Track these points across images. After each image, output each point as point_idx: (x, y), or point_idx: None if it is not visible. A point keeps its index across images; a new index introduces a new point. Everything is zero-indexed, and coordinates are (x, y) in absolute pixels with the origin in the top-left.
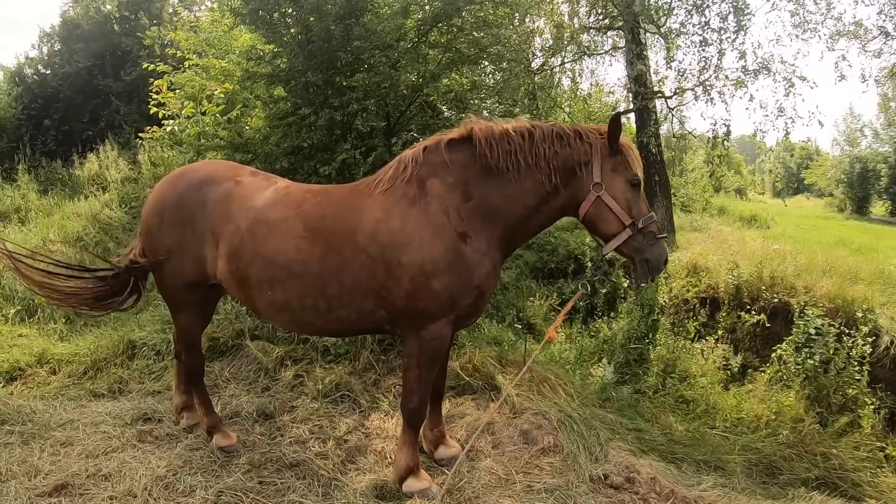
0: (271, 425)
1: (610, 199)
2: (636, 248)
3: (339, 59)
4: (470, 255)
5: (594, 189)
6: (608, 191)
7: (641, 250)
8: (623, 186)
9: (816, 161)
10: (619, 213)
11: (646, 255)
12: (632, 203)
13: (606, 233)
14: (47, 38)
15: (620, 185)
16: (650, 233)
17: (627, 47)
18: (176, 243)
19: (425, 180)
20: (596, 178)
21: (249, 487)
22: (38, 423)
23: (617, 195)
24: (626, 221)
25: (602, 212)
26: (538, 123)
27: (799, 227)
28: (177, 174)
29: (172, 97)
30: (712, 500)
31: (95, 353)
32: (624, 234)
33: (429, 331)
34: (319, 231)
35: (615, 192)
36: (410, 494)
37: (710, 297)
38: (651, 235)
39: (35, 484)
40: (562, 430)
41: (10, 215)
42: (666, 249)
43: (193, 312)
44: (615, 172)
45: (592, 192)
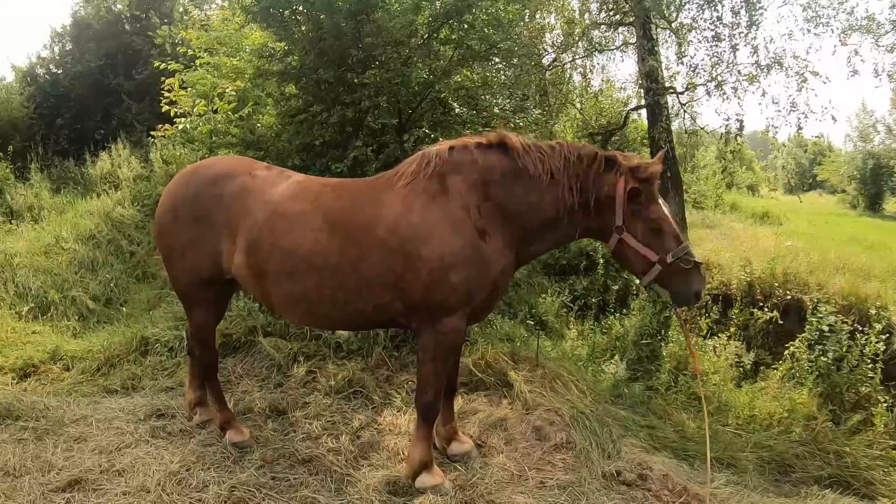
0: (284, 421)
1: (633, 240)
2: (669, 280)
3: (351, 56)
4: (488, 251)
5: (616, 231)
6: (630, 233)
7: (675, 285)
8: (646, 228)
9: (829, 157)
10: (644, 252)
11: (679, 288)
12: (656, 242)
13: (637, 271)
14: (59, 37)
15: (643, 227)
16: (682, 261)
17: (639, 43)
18: (191, 239)
19: (447, 177)
20: (618, 220)
21: (262, 483)
22: (51, 419)
23: (639, 237)
24: (654, 259)
25: (627, 252)
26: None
27: (811, 223)
28: (190, 171)
29: (184, 95)
30: (724, 498)
31: (108, 350)
32: (654, 271)
33: (444, 324)
34: (338, 223)
35: (637, 236)
36: (423, 490)
37: (722, 294)
38: (684, 263)
39: (49, 479)
40: (574, 427)
41: (24, 213)
42: (701, 281)
43: (208, 308)
44: (637, 217)
45: (615, 234)
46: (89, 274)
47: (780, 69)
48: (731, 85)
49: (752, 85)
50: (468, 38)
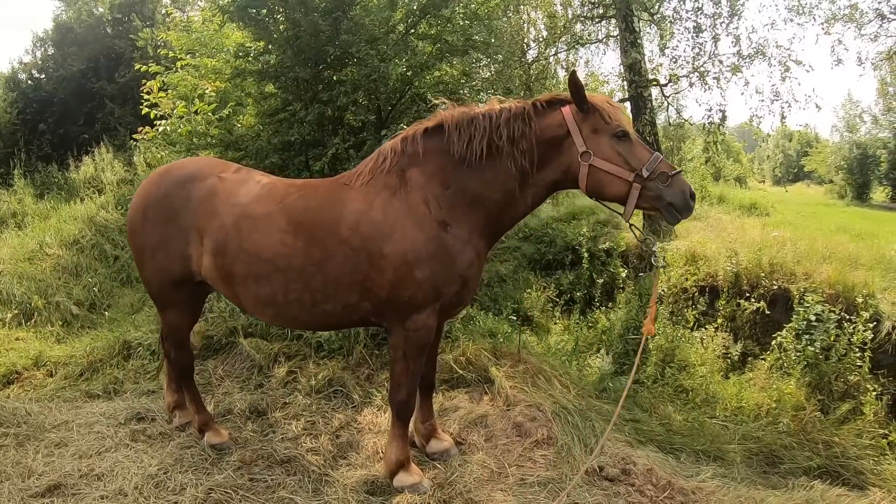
0: (263, 422)
1: (602, 161)
2: (654, 197)
3: (328, 54)
4: (451, 244)
5: (583, 159)
6: (597, 154)
7: (660, 196)
8: (610, 143)
9: (816, 148)
10: (617, 172)
11: (668, 200)
12: (626, 155)
13: (615, 196)
14: (41, 42)
15: (606, 142)
16: (661, 174)
17: (621, 36)
18: (161, 240)
19: (405, 171)
20: (580, 146)
21: (239, 484)
22: (32, 424)
23: (608, 155)
24: (629, 177)
25: (600, 177)
26: (507, 104)
27: (799, 214)
28: (161, 172)
29: (164, 97)
30: (710, 491)
31: (91, 355)
32: (634, 191)
33: (414, 321)
34: (302, 224)
35: (605, 153)
36: (401, 489)
37: (709, 285)
38: (664, 176)
39: (28, 485)
40: (556, 422)
41: (7, 220)
42: (686, 184)
43: (181, 310)
44: (597, 133)
45: (582, 161)
46: (73, 279)
47: (763, 59)
48: (714, 75)
49: (736, 75)
50: (446, 33)
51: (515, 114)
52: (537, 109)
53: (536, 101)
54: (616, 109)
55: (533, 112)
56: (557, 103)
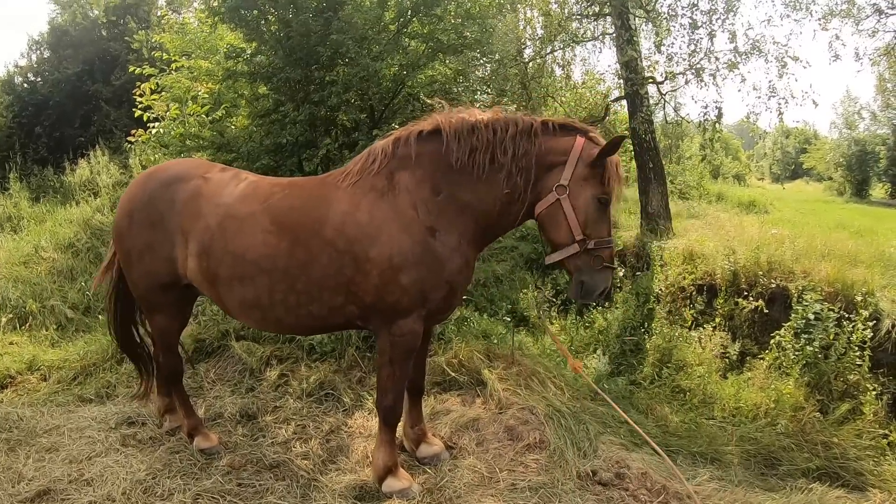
0: (253, 426)
1: (569, 206)
2: (577, 267)
3: (319, 54)
4: (439, 250)
5: (556, 191)
6: (570, 198)
7: (581, 270)
8: (588, 199)
9: (815, 145)
10: (572, 224)
11: (583, 277)
12: (590, 220)
13: (554, 240)
14: (36, 45)
15: (587, 196)
16: (598, 257)
17: (617, 33)
18: (147, 244)
19: (394, 173)
20: (563, 180)
21: (228, 490)
22: (24, 429)
23: (578, 205)
24: (578, 236)
25: (556, 217)
26: (517, 117)
27: (798, 211)
28: (146, 174)
29: (157, 99)
30: (708, 494)
31: (85, 359)
32: (570, 249)
33: (399, 326)
34: (286, 225)
35: (578, 202)
36: (390, 494)
37: (706, 284)
38: (599, 260)
39: (18, 490)
40: (549, 425)
41: (3, 224)
42: (608, 281)
43: (169, 313)
44: (586, 182)
45: (554, 193)
46: (68, 283)
47: (760, 55)
48: (710, 72)
49: (732, 72)
50: (438, 32)
51: (522, 130)
52: (546, 129)
53: (548, 121)
54: (620, 180)
55: (540, 130)
56: (571, 130)
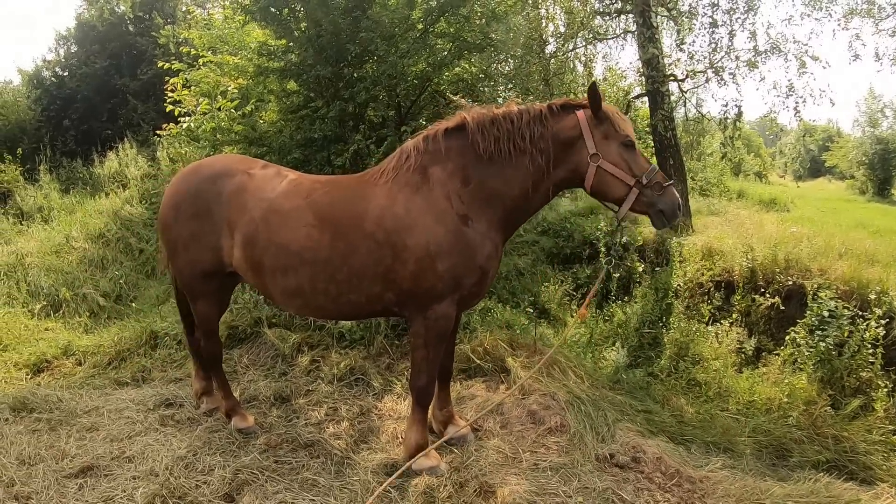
0: (287, 408)
1: (609, 165)
2: (648, 203)
3: (348, 52)
4: (472, 237)
5: (592, 160)
6: (605, 158)
7: (653, 203)
8: (618, 149)
9: (837, 143)
10: (621, 176)
11: (659, 207)
12: (630, 162)
13: (615, 197)
14: (63, 40)
15: (615, 149)
16: (657, 184)
17: (639, 31)
18: (193, 234)
19: (427, 168)
20: (591, 149)
21: (266, 466)
22: (64, 410)
23: (615, 160)
24: (631, 182)
25: (606, 179)
26: (525, 106)
27: (819, 209)
28: (192, 169)
29: (188, 94)
30: (718, 480)
31: (119, 345)
32: (632, 194)
33: (434, 311)
34: (328, 219)
35: (613, 158)
36: (420, 472)
37: (724, 280)
38: (658, 186)
39: (62, 466)
40: (569, 411)
41: (34, 214)
42: (676, 195)
43: (211, 300)
44: (607, 139)
45: (591, 163)
46: (99, 272)
47: (779, 54)
48: (730, 71)
49: (752, 70)
50: (464, 31)
51: (534, 116)
52: (553, 112)
53: (552, 105)
54: (625, 121)
55: (549, 114)
56: (571, 108)
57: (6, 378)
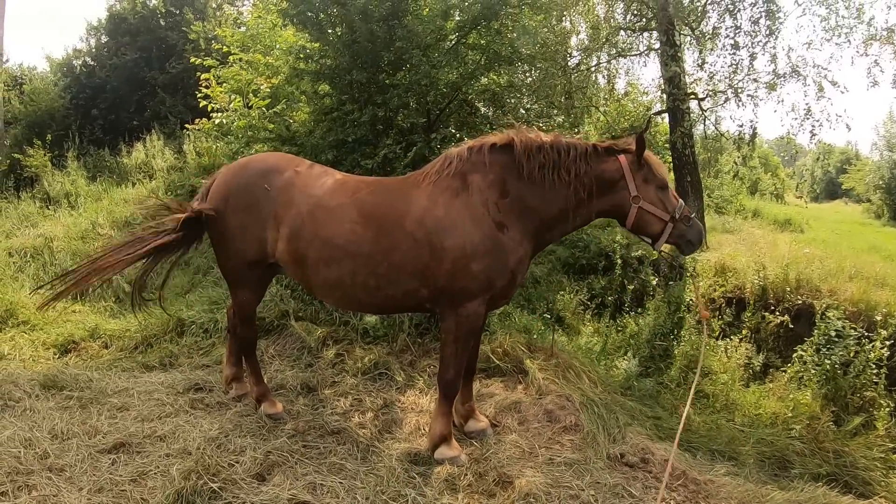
0: (314, 397)
1: (648, 205)
2: (679, 235)
3: (383, 59)
4: (506, 242)
5: (634, 202)
6: (645, 199)
7: (683, 234)
8: (655, 191)
9: (855, 166)
10: (659, 214)
11: (688, 237)
12: (665, 202)
13: (653, 234)
14: (94, 31)
15: (653, 191)
16: (685, 217)
17: (662, 49)
18: (241, 225)
19: (468, 176)
20: (633, 191)
21: (295, 450)
22: (94, 389)
23: (653, 200)
24: (666, 218)
25: (645, 218)
26: (572, 141)
27: (833, 232)
28: (242, 164)
29: (220, 91)
30: (721, 484)
31: (145, 330)
32: (668, 229)
33: (466, 308)
34: (372, 216)
35: (651, 199)
36: (441, 461)
37: (736, 297)
38: (686, 219)
39: (95, 442)
40: (583, 412)
41: (61, 200)
42: (700, 225)
43: (251, 289)
44: (647, 182)
45: (633, 204)
46: None
47: (798, 78)
48: (749, 93)
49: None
50: (495, 44)
51: (580, 154)
52: (597, 152)
53: (597, 145)
54: (661, 165)
55: (594, 153)
56: (615, 151)
57: (34, 357)
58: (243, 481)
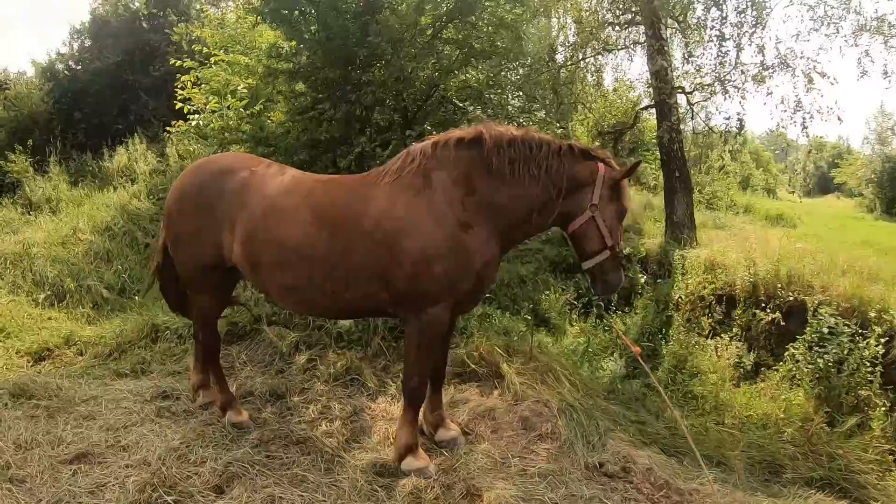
0: (282, 405)
1: (601, 220)
2: (603, 268)
3: (357, 55)
4: (470, 243)
5: (591, 209)
6: (601, 214)
7: (607, 272)
8: (613, 214)
9: (846, 160)
10: (605, 235)
11: (607, 276)
12: (614, 230)
13: (588, 250)
14: (78, 34)
15: (611, 213)
16: (618, 258)
17: (648, 42)
18: (196, 228)
19: (431, 173)
20: (595, 199)
21: (257, 460)
22: (63, 398)
23: (608, 220)
24: (609, 243)
25: (591, 231)
26: (545, 137)
27: (827, 226)
28: (197, 165)
29: (197, 92)
30: (707, 493)
31: (121, 336)
32: (603, 255)
33: (429, 314)
34: (327, 217)
35: (607, 217)
36: (408, 472)
37: (726, 294)
38: (618, 261)
39: (57, 452)
40: (561, 419)
41: (42, 205)
42: (623, 275)
43: (211, 294)
44: (611, 200)
45: (588, 211)
46: (104, 264)
47: (787, 69)
48: (735, 84)
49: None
50: (471, 38)
51: (554, 151)
52: (572, 152)
53: (573, 145)
54: (630, 198)
55: (569, 152)
56: (592, 157)
57: (7, 365)
58: (200, 494)
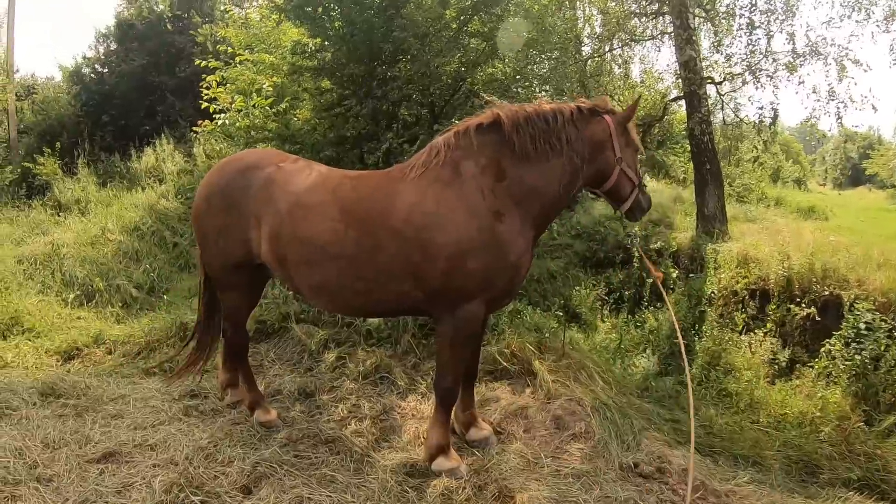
0: (311, 404)
1: (628, 168)
2: (637, 201)
3: (382, 50)
4: (505, 234)
5: (618, 163)
6: (626, 162)
7: (640, 202)
8: (632, 155)
9: (878, 150)
10: (633, 177)
11: (643, 205)
12: (635, 167)
13: (624, 196)
14: (103, 38)
15: (630, 154)
16: (642, 184)
17: (675, 32)
18: (223, 226)
19: (459, 163)
20: (618, 152)
21: (285, 460)
22: (91, 397)
23: (631, 165)
24: (637, 182)
25: (621, 181)
26: (555, 106)
27: (859, 219)
28: (223, 162)
29: (223, 92)
30: (744, 495)
31: (149, 335)
32: (635, 192)
33: (463, 310)
34: (354, 214)
35: (630, 163)
36: (439, 473)
37: (759, 288)
38: (643, 185)
39: (85, 451)
40: (595, 417)
41: (72, 206)
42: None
43: (240, 292)
44: (628, 146)
45: (617, 166)
46: (133, 264)
47: (818, 57)
48: (767, 73)
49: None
50: (498, 30)
51: (567, 118)
52: (582, 114)
53: (580, 107)
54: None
55: (579, 114)
56: (597, 112)
57: (37, 364)
58: (227, 494)
